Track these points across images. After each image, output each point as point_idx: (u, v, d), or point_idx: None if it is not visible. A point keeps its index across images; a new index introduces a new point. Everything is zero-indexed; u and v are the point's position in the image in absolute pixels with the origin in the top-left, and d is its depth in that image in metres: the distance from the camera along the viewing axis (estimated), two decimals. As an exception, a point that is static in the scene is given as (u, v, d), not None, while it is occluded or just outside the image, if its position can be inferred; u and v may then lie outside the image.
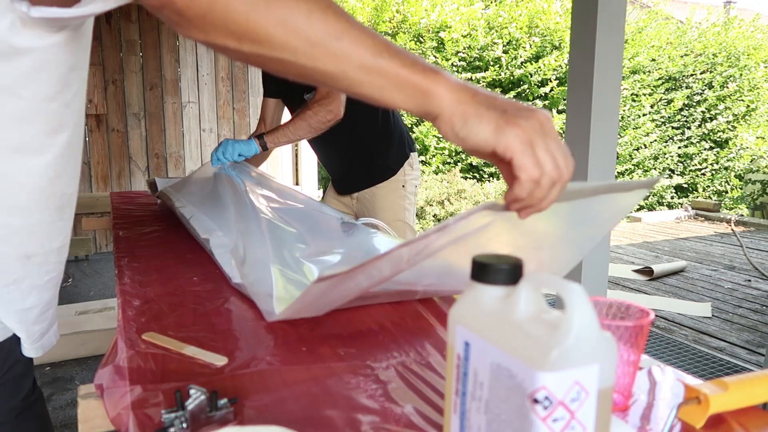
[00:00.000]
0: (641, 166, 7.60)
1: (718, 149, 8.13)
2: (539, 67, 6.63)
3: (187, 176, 1.91)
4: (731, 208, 7.74)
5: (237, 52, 0.55)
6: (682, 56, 7.82)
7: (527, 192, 0.54)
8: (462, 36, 6.45)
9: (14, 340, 0.83)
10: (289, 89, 2.12)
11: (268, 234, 1.13)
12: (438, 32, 6.36)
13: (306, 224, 1.30)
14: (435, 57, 6.36)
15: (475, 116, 0.53)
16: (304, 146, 5.05)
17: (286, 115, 2.11)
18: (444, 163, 6.51)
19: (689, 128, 7.92)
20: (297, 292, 0.93)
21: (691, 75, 7.87)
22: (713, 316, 3.51)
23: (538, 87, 6.76)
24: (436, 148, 6.43)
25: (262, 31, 0.53)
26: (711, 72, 7.92)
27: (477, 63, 6.61)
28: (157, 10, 0.53)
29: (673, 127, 7.80)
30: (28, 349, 0.85)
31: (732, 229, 6.34)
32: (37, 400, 0.91)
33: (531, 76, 6.68)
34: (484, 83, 6.58)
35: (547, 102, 6.82)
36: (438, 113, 0.54)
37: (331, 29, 0.53)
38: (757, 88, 8.23)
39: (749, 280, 4.30)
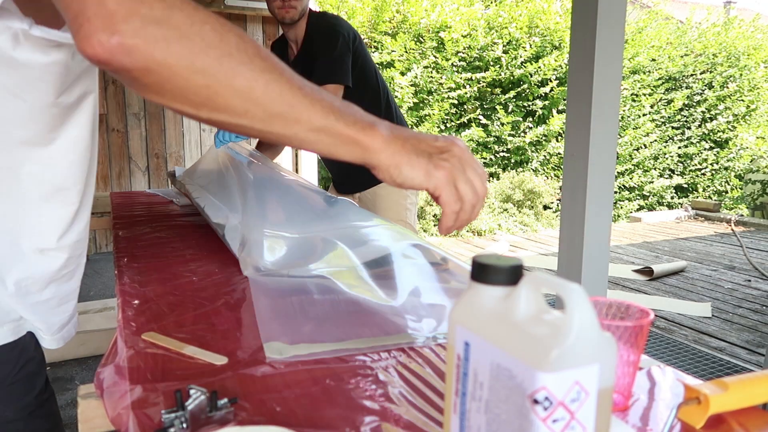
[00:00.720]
0: (641, 166, 7.60)
1: (718, 149, 8.13)
2: (539, 67, 6.63)
3: (198, 161, 1.93)
4: (731, 208, 7.74)
5: (193, 116, 0.57)
6: (682, 56, 7.83)
7: (452, 220, 0.66)
8: (462, 36, 6.45)
9: (28, 339, 0.84)
10: None
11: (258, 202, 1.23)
12: (438, 32, 6.36)
13: (294, 198, 1.41)
14: (435, 57, 6.36)
15: (407, 164, 0.62)
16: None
17: None
18: (444, 163, 6.51)
19: (689, 128, 7.93)
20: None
21: (691, 75, 7.87)
22: (713, 316, 3.51)
23: (538, 87, 6.76)
24: (436, 148, 6.43)
25: (221, 102, 0.55)
26: (711, 72, 7.92)
27: (477, 63, 6.61)
28: (112, 72, 0.53)
29: (673, 127, 7.81)
30: (48, 341, 0.86)
31: (732, 229, 6.34)
32: (49, 398, 0.92)
33: (531, 76, 6.68)
34: (484, 83, 6.58)
35: (547, 102, 6.82)
36: (376, 164, 0.63)
37: (286, 98, 0.57)
38: (757, 88, 8.24)
39: (749, 280, 4.30)
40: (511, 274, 0.47)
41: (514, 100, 6.75)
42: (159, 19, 0.51)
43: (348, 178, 2.15)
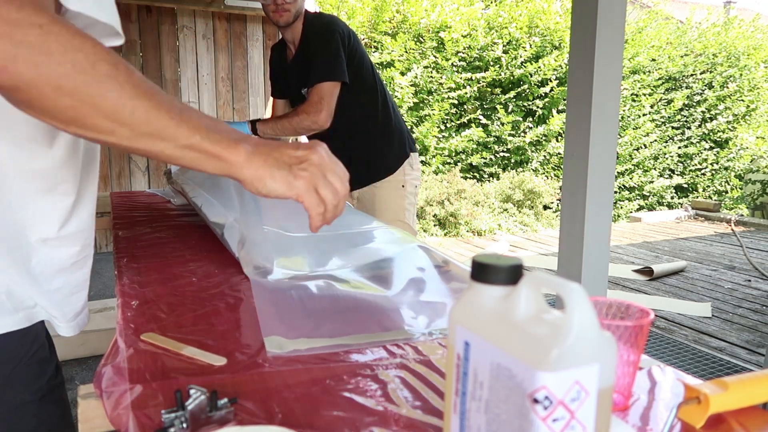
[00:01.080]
0: (641, 166, 7.60)
1: (718, 149, 8.13)
2: (539, 67, 6.63)
3: None
4: (731, 208, 7.74)
5: (63, 130, 0.62)
6: (682, 56, 7.83)
7: (319, 221, 0.73)
8: (462, 36, 6.45)
9: (40, 327, 0.87)
10: (288, 88, 2.13)
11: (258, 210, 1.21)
12: (438, 32, 6.36)
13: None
14: (435, 57, 6.36)
15: (269, 178, 0.69)
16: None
17: None
18: (444, 163, 6.52)
19: (689, 128, 7.93)
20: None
21: (691, 75, 7.87)
22: (713, 316, 3.51)
23: (538, 87, 6.76)
24: (436, 148, 6.43)
25: (88, 122, 0.61)
26: (711, 72, 7.92)
27: (477, 63, 6.61)
28: None
29: (673, 127, 7.81)
30: (64, 328, 0.89)
31: (732, 229, 6.34)
32: (60, 384, 0.94)
33: (531, 76, 6.68)
34: (484, 83, 6.58)
35: (547, 102, 6.82)
36: (242, 179, 0.69)
37: (152, 121, 0.63)
38: (757, 88, 8.24)
39: (749, 280, 4.30)
40: (511, 274, 0.47)
41: (514, 100, 6.75)
42: (32, 44, 0.55)
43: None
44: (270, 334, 0.83)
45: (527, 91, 6.74)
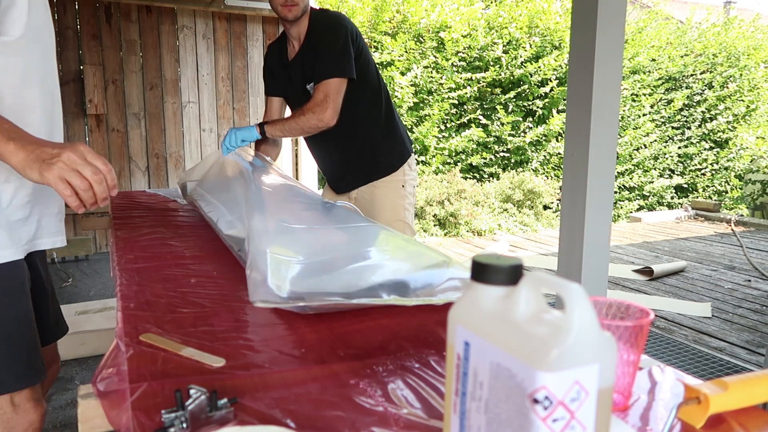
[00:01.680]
0: (641, 166, 7.60)
1: (718, 149, 8.13)
2: (539, 67, 6.63)
3: (207, 168, 1.94)
4: (731, 208, 7.74)
5: None
6: (682, 56, 7.83)
7: (74, 202, 0.92)
8: (462, 36, 6.45)
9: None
10: (290, 84, 2.13)
11: (265, 218, 1.21)
12: (438, 32, 6.36)
13: (294, 203, 1.46)
14: (435, 57, 6.36)
15: (28, 169, 0.90)
16: (304, 147, 5.06)
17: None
18: (444, 163, 6.52)
19: (689, 128, 7.93)
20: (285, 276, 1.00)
21: (691, 75, 7.87)
22: (713, 316, 3.51)
23: (538, 87, 6.76)
24: (436, 148, 6.43)
25: None
26: (711, 72, 7.92)
27: (477, 63, 6.61)
28: None
29: (673, 127, 7.81)
30: (46, 243, 1.18)
31: (732, 229, 6.34)
32: (28, 295, 1.14)
33: (531, 76, 6.68)
34: (484, 83, 6.58)
35: (547, 102, 6.82)
36: (12, 167, 0.92)
37: None
38: (757, 88, 8.24)
39: (749, 280, 4.30)
40: (511, 274, 0.47)
41: (514, 100, 6.75)
42: None
43: (346, 175, 2.16)
44: (256, 295, 0.89)
45: (527, 91, 6.74)
